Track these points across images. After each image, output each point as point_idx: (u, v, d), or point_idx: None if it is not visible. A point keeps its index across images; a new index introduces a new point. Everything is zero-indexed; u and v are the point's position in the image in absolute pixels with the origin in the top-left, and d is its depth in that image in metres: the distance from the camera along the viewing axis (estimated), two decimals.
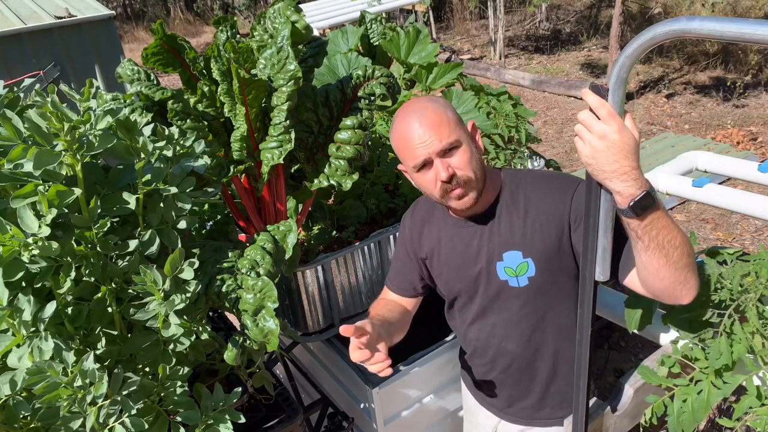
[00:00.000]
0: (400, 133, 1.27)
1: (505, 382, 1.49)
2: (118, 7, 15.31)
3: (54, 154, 1.05)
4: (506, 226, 1.31)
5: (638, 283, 1.15)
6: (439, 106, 1.27)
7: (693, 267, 1.07)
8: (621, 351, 3.20)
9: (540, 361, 1.42)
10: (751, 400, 1.19)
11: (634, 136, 0.96)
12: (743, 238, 4.23)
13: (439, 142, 1.22)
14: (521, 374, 1.45)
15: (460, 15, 11.74)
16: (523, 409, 1.50)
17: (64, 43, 4.31)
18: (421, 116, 1.24)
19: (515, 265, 1.31)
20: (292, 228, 1.49)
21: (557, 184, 1.30)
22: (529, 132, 2.39)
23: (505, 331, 1.40)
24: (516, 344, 1.41)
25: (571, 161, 5.71)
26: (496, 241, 1.32)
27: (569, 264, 1.30)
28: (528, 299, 1.34)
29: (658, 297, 1.14)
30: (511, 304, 1.36)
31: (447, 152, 1.24)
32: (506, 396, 1.51)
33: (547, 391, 1.46)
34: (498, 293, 1.36)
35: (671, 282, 1.06)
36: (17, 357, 1.03)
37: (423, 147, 1.23)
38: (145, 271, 1.09)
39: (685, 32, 0.79)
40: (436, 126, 1.22)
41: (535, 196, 1.31)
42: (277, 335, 1.24)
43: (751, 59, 7.39)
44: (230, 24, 1.72)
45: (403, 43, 2.37)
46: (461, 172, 1.24)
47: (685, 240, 1.03)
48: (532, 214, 1.29)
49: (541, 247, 1.28)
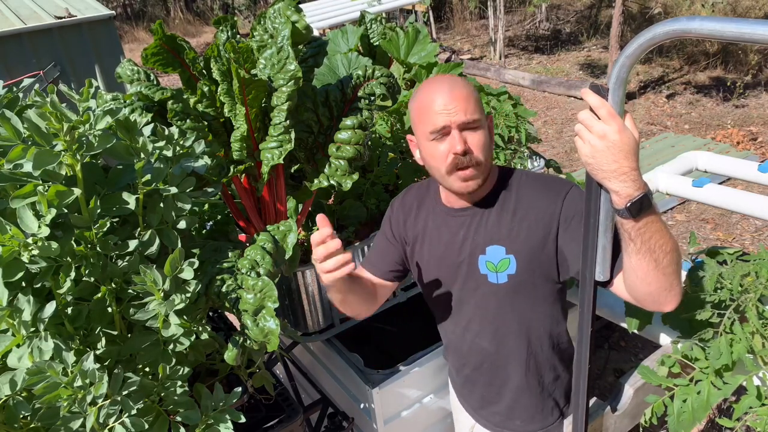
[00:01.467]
0: (424, 97, 1.25)
1: (477, 381, 1.48)
2: (118, 7, 15.31)
3: (53, 154, 1.05)
4: (494, 221, 1.31)
5: (623, 289, 1.15)
6: (469, 83, 1.27)
7: (678, 275, 1.08)
8: (621, 351, 3.20)
9: (512, 367, 1.41)
10: (751, 400, 1.19)
11: (634, 137, 0.96)
12: (743, 238, 4.23)
13: (464, 114, 1.20)
14: (493, 375, 1.44)
15: (460, 15, 11.74)
16: (495, 414, 1.49)
17: (64, 43, 4.31)
18: (452, 85, 1.23)
19: (497, 260, 1.30)
20: (292, 228, 1.49)
21: (551, 185, 1.30)
22: (529, 132, 2.39)
23: (480, 327, 1.40)
24: (489, 342, 1.40)
25: (571, 161, 5.71)
26: (482, 234, 1.32)
27: (550, 269, 1.30)
28: (505, 298, 1.33)
29: (641, 302, 1.14)
30: (488, 300, 1.35)
31: (467, 128, 1.22)
32: (479, 396, 1.51)
33: (517, 402, 1.44)
34: (476, 287, 1.36)
35: (657, 287, 1.07)
36: (17, 357, 1.03)
37: (446, 114, 1.20)
38: (145, 271, 1.09)
39: (685, 32, 0.79)
40: (464, 98, 1.21)
41: (527, 195, 1.31)
42: (277, 335, 1.24)
43: (751, 59, 7.39)
44: (230, 24, 1.72)
45: (403, 43, 2.37)
46: (476, 152, 1.23)
47: (675, 247, 1.04)
48: (521, 211, 1.29)
49: (526, 245, 1.28)
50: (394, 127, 2.41)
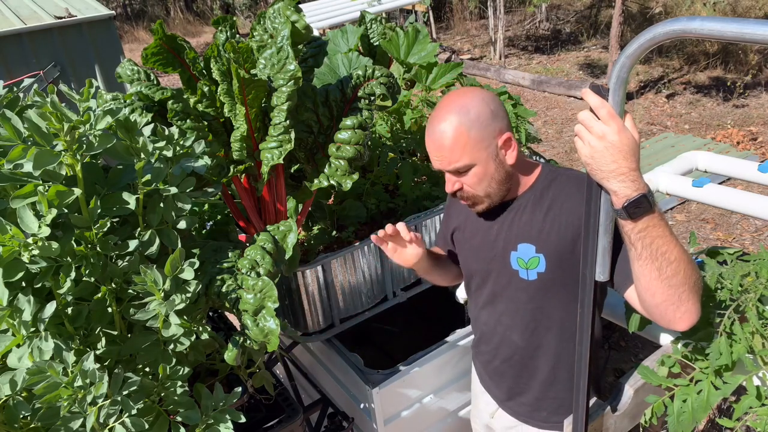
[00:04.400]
0: (427, 133, 1.32)
1: (506, 372, 1.51)
2: (118, 7, 15.30)
3: (54, 154, 1.05)
4: (527, 219, 1.34)
5: (635, 299, 1.14)
6: (463, 123, 1.23)
7: (690, 290, 1.02)
8: (621, 351, 3.20)
9: (540, 360, 1.43)
10: (751, 400, 1.19)
11: (634, 137, 0.96)
12: (743, 238, 4.23)
13: (448, 164, 1.28)
14: (522, 368, 1.46)
15: (460, 15, 11.74)
16: (522, 405, 1.51)
17: (64, 43, 4.31)
18: (442, 133, 1.25)
19: (527, 257, 1.32)
20: (292, 228, 1.49)
21: (584, 188, 1.30)
22: (529, 132, 2.39)
23: (512, 320, 1.42)
24: (520, 336, 1.42)
25: (571, 161, 5.71)
26: (514, 231, 1.35)
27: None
28: (535, 294, 1.35)
29: (650, 315, 1.11)
30: (519, 295, 1.38)
31: (456, 172, 1.29)
32: (506, 388, 1.53)
33: (546, 394, 1.46)
34: (508, 282, 1.38)
35: (662, 300, 1.04)
36: (17, 357, 1.03)
37: (437, 160, 1.30)
38: (146, 271, 1.09)
39: (686, 32, 0.79)
40: (448, 148, 1.25)
41: (562, 195, 1.31)
42: (277, 335, 1.24)
43: (751, 59, 7.39)
44: (230, 24, 1.72)
45: (403, 43, 2.37)
46: (470, 190, 1.31)
47: (682, 257, 1.00)
48: (554, 212, 1.30)
49: (555, 246, 1.29)
50: (394, 127, 2.41)
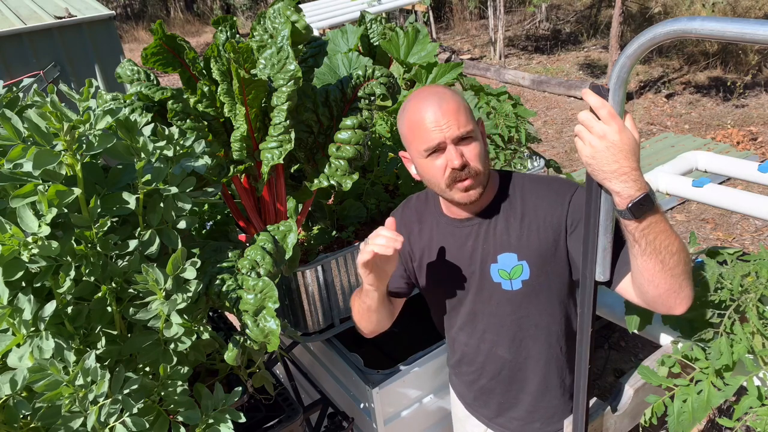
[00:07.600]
0: (414, 115, 1.22)
1: (494, 389, 1.46)
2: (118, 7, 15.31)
3: (54, 154, 1.05)
4: (502, 228, 1.29)
5: (631, 291, 1.14)
6: (456, 93, 1.24)
7: (688, 276, 1.06)
8: (621, 351, 3.20)
9: (530, 371, 1.39)
10: (752, 401, 1.19)
11: (635, 137, 0.96)
12: (743, 238, 4.23)
13: (457, 129, 1.18)
14: (511, 381, 1.42)
15: (460, 15, 11.74)
16: (513, 420, 1.47)
17: (64, 43, 4.31)
18: (441, 100, 1.20)
19: (509, 267, 1.29)
20: (292, 228, 1.49)
21: (555, 187, 1.29)
22: (529, 132, 2.39)
23: (497, 336, 1.38)
24: (507, 350, 1.38)
25: (571, 161, 5.71)
26: (492, 243, 1.30)
27: (563, 269, 1.29)
28: (521, 303, 1.32)
29: (651, 305, 1.12)
30: (503, 308, 1.34)
31: (462, 141, 1.20)
32: (495, 404, 1.48)
33: (538, 405, 1.43)
34: (490, 296, 1.34)
35: (666, 289, 1.05)
36: (17, 356, 1.03)
37: (439, 131, 1.19)
38: (148, 271, 1.09)
39: (686, 32, 0.79)
40: (455, 112, 1.19)
41: (532, 199, 1.29)
42: (277, 335, 1.24)
43: (751, 59, 7.39)
44: (230, 24, 1.72)
45: (403, 43, 2.37)
46: (473, 163, 1.21)
47: (681, 247, 1.03)
48: (528, 216, 1.28)
49: (537, 250, 1.27)
50: (394, 127, 2.41)
